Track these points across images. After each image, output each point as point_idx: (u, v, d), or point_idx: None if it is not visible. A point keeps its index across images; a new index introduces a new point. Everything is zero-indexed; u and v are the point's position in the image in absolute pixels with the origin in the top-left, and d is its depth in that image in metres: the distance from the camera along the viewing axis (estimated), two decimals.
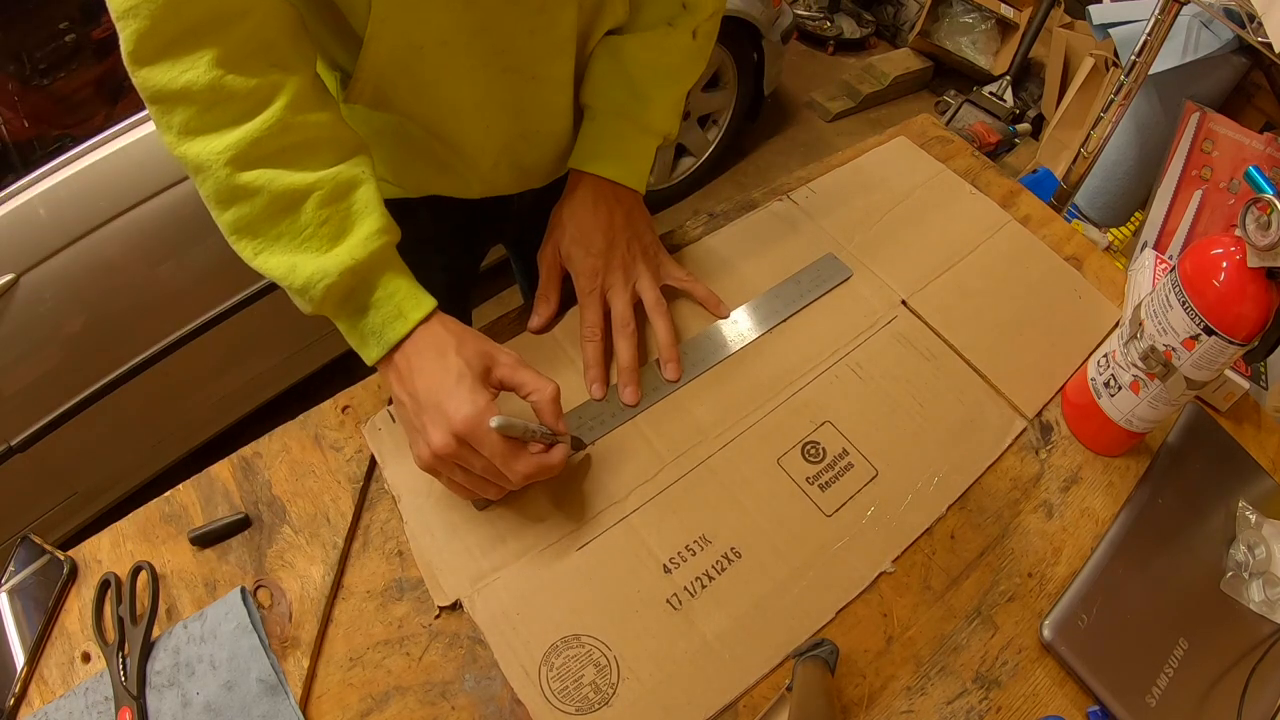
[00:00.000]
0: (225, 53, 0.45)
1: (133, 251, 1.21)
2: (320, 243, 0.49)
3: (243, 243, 0.50)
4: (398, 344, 0.52)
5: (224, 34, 0.45)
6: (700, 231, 0.78)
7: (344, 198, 0.50)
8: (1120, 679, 0.54)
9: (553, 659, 0.51)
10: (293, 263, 0.49)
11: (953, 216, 0.82)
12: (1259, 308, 0.53)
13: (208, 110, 0.46)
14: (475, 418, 0.49)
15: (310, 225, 0.49)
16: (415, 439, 0.52)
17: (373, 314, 0.52)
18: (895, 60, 2.81)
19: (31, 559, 0.55)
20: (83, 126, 1.16)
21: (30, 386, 1.20)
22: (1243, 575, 0.61)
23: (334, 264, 0.49)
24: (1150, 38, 0.97)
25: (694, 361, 0.67)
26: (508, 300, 1.94)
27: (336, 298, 0.50)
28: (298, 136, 0.49)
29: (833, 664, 0.49)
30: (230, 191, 0.47)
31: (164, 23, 0.44)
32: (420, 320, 0.52)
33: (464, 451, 0.50)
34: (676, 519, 0.58)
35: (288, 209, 0.48)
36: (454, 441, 0.50)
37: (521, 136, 0.66)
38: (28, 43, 1.11)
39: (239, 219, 0.49)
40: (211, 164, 0.46)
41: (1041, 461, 0.66)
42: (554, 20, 0.57)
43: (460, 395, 0.50)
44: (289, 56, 0.49)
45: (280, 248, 0.49)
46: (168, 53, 0.45)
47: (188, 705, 0.48)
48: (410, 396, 0.52)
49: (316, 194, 0.49)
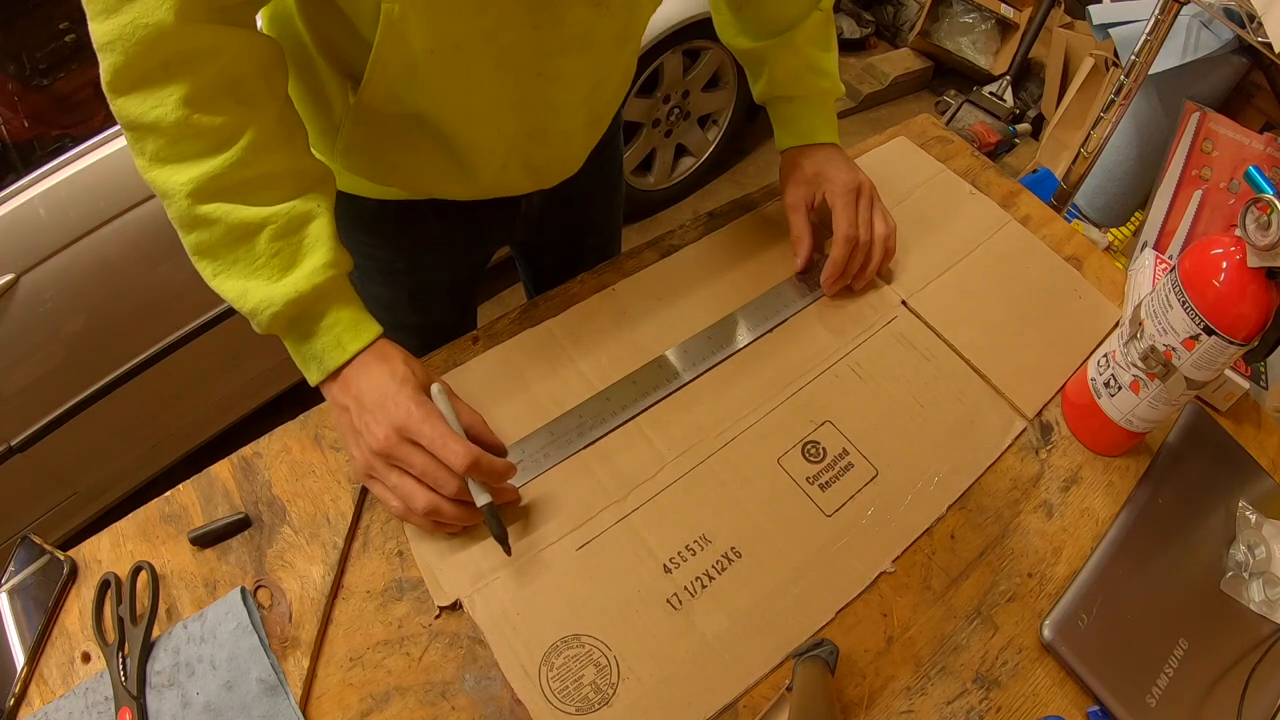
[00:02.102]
0: (194, 90, 0.47)
1: (133, 251, 1.21)
2: (271, 272, 0.52)
3: (203, 263, 0.53)
4: (335, 370, 0.55)
5: (195, 71, 0.47)
6: (700, 231, 0.79)
7: (296, 231, 0.52)
8: (1120, 679, 0.54)
9: (553, 659, 0.51)
10: (244, 288, 0.52)
11: (953, 217, 0.82)
12: (1259, 308, 0.53)
13: (175, 143, 0.48)
14: (416, 412, 0.52)
15: (263, 255, 0.51)
16: (355, 442, 0.54)
17: (314, 341, 0.54)
18: (895, 60, 2.81)
19: (31, 559, 0.55)
20: (83, 126, 1.16)
21: (30, 387, 1.20)
22: (1243, 575, 0.61)
23: (280, 294, 0.51)
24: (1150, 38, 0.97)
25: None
26: (508, 300, 1.94)
27: (282, 323, 0.53)
28: (257, 171, 0.51)
29: (833, 664, 0.49)
30: (191, 220, 0.50)
31: (138, 59, 0.46)
32: (358, 351, 0.55)
33: (404, 448, 0.52)
34: (676, 519, 0.58)
35: (243, 239, 0.51)
36: (394, 435, 0.51)
37: (529, 136, 0.66)
38: (28, 43, 1.11)
39: (199, 243, 0.52)
40: (175, 193, 0.49)
41: (1041, 461, 0.66)
42: (560, 17, 0.57)
43: (404, 395, 0.52)
44: (258, 93, 0.51)
45: (235, 273, 0.52)
46: (141, 85, 0.47)
47: (188, 705, 0.48)
48: (354, 400, 0.54)
49: (270, 227, 0.51)
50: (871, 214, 0.72)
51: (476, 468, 0.51)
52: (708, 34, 1.87)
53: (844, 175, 0.72)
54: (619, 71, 0.71)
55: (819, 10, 0.73)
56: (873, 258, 0.72)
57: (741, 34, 0.76)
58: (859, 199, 0.72)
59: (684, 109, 2.03)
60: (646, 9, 0.66)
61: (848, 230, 0.70)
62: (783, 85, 0.76)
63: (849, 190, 0.71)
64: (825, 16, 0.75)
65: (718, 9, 0.78)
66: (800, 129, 0.76)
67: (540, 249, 0.95)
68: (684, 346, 0.68)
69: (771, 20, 0.74)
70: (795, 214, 0.74)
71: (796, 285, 0.74)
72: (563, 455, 0.61)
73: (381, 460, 0.53)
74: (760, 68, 0.76)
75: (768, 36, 0.74)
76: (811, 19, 0.73)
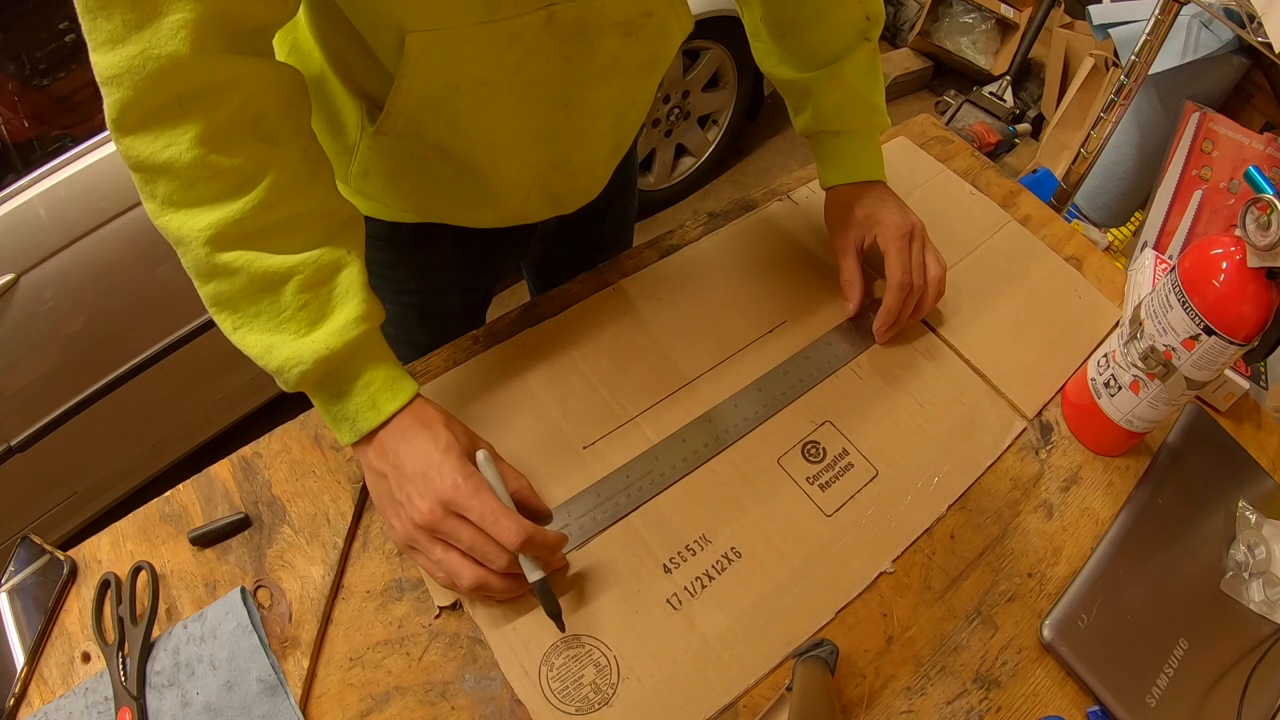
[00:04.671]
0: (210, 127, 0.43)
1: (133, 251, 1.21)
2: (298, 326, 0.48)
3: (222, 315, 0.48)
4: (369, 433, 0.51)
5: (211, 107, 0.43)
6: (700, 231, 0.79)
7: (326, 282, 0.49)
8: (1120, 679, 0.54)
9: (553, 659, 0.51)
10: (269, 343, 0.48)
11: (953, 216, 0.82)
12: (1259, 308, 0.53)
13: (190, 186, 0.44)
14: (464, 485, 0.48)
15: (290, 308, 0.47)
16: (395, 512, 0.51)
17: (346, 402, 0.51)
18: (895, 60, 2.81)
19: (31, 559, 0.55)
20: (83, 126, 1.16)
21: (30, 386, 1.20)
22: (1243, 575, 0.61)
23: (309, 351, 0.48)
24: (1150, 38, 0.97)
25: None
26: (508, 300, 1.95)
27: (311, 382, 0.50)
28: (282, 215, 0.47)
29: (833, 664, 0.49)
30: (209, 269, 0.46)
31: (149, 94, 0.41)
32: (394, 412, 0.51)
33: (450, 522, 0.48)
34: (677, 518, 0.58)
35: (267, 290, 0.47)
36: (440, 509, 0.48)
37: (553, 165, 0.65)
38: (28, 43, 1.11)
39: (218, 294, 0.47)
40: (191, 241, 0.45)
41: (1041, 461, 0.66)
42: (591, 47, 0.56)
43: (449, 464, 0.49)
44: (280, 129, 0.47)
45: (258, 326, 0.48)
46: (152, 123, 0.43)
47: (188, 705, 0.48)
48: (394, 468, 0.50)
49: (297, 278, 0.47)
50: (925, 256, 0.69)
51: (530, 544, 0.48)
52: (708, 34, 1.87)
53: (897, 217, 0.68)
54: (644, 97, 0.68)
55: (866, 40, 0.70)
56: (926, 302, 0.68)
57: (784, 63, 0.72)
58: (912, 242, 0.68)
59: (684, 109, 2.03)
60: (676, 36, 0.63)
61: (902, 277, 0.66)
62: (830, 120, 0.71)
63: (903, 234, 0.67)
64: (872, 48, 0.71)
65: (757, 35, 0.74)
66: (848, 166, 0.72)
67: (552, 266, 0.92)
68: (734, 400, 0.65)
69: (817, 51, 0.70)
70: (846, 258, 0.70)
71: (846, 334, 0.71)
72: (611, 520, 0.57)
73: (425, 534, 0.49)
74: (805, 100, 0.72)
75: (814, 68, 0.70)
76: (860, 50, 0.69)
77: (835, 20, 0.68)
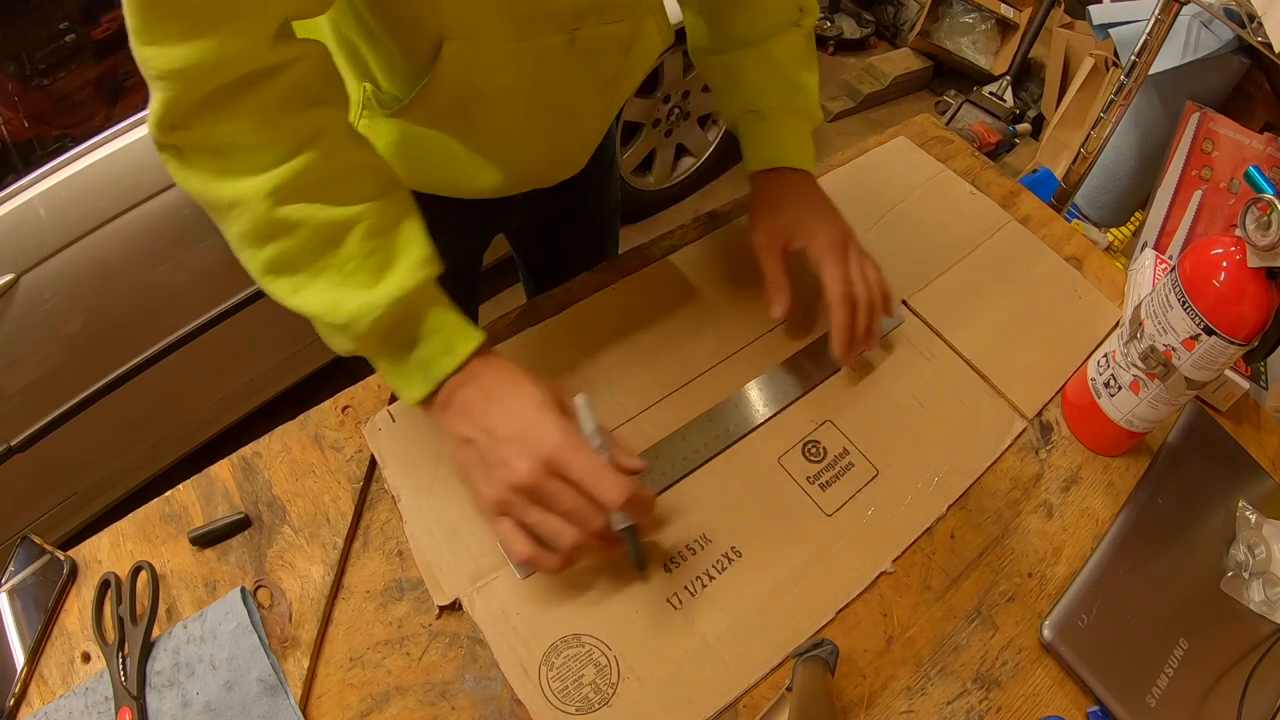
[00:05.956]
0: (267, 103, 0.44)
1: (133, 251, 1.21)
2: (366, 275, 0.47)
3: (280, 280, 0.47)
4: (444, 380, 0.50)
5: (266, 87, 0.44)
6: (700, 231, 0.78)
7: (391, 230, 0.48)
8: (1120, 679, 0.54)
9: (553, 659, 0.51)
10: (336, 298, 0.47)
11: (953, 216, 0.82)
12: (1259, 308, 0.53)
13: (250, 154, 0.45)
14: (565, 444, 0.47)
15: (355, 258, 0.47)
16: (486, 477, 0.48)
17: (420, 348, 0.49)
18: (895, 60, 2.81)
19: (31, 559, 0.55)
20: (83, 126, 1.16)
21: (30, 386, 1.20)
22: (1243, 575, 0.61)
23: (382, 296, 0.47)
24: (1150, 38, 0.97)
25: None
26: (508, 300, 1.94)
27: (382, 332, 0.48)
28: (342, 163, 0.48)
29: (833, 664, 0.49)
30: (270, 227, 0.45)
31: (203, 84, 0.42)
32: (469, 355, 0.50)
33: (553, 483, 0.47)
34: (676, 518, 0.58)
35: (330, 242, 0.46)
36: (541, 470, 0.46)
37: (550, 163, 0.72)
38: (28, 43, 1.11)
39: (278, 255, 0.46)
40: (251, 198, 0.44)
41: (1041, 461, 0.66)
42: (599, 65, 0.61)
43: (548, 420, 0.48)
44: (326, 93, 0.48)
45: (322, 283, 0.47)
46: (204, 112, 0.43)
47: (188, 705, 0.48)
48: (483, 430, 0.48)
49: (361, 224, 0.47)
50: (862, 265, 0.64)
51: (632, 503, 0.47)
52: None
53: (829, 227, 0.64)
54: (626, 97, 0.74)
55: (798, 28, 0.68)
56: (875, 312, 0.64)
57: (715, 52, 0.70)
58: (848, 253, 0.64)
59: (684, 109, 2.03)
60: (659, 48, 0.69)
61: (844, 289, 0.62)
62: (752, 97, 0.68)
63: (837, 246, 0.63)
64: (805, 36, 0.69)
65: (689, 20, 0.73)
66: (770, 149, 0.68)
67: (533, 232, 0.97)
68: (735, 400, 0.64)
69: (745, 34, 0.68)
70: (768, 257, 0.65)
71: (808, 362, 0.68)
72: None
73: (524, 496, 0.47)
74: (730, 84, 0.69)
75: (738, 48, 0.68)
76: (790, 35, 0.67)
77: (765, 6, 0.67)
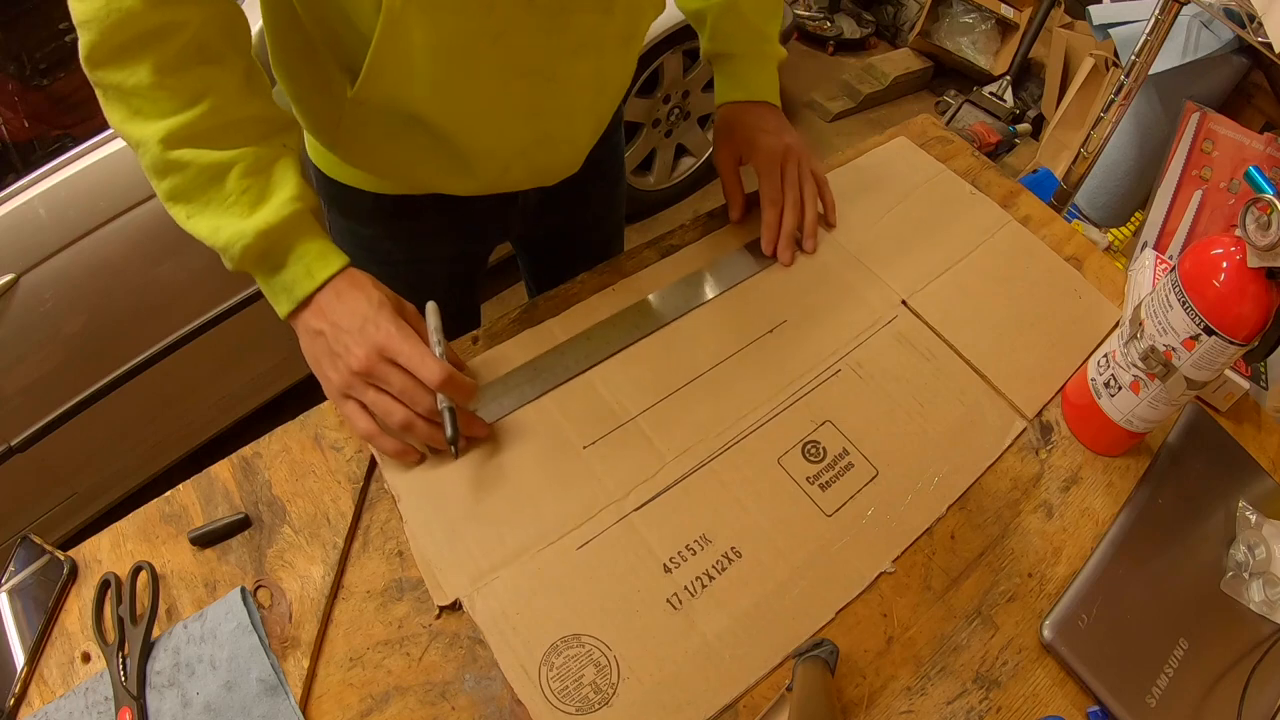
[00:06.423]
0: (164, 59, 0.51)
1: (133, 251, 1.21)
2: (241, 209, 0.55)
3: (176, 207, 0.56)
4: (305, 299, 0.57)
5: (164, 42, 0.51)
6: (700, 231, 0.79)
7: (264, 170, 0.56)
8: (1120, 679, 0.54)
9: (553, 659, 0.51)
10: (216, 225, 0.55)
11: (953, 216, 0.82)
12: (1259, 308, 0.53)
13: (150, 102, 0.52)
14: (397, 334, 0.55)
15: (234, 193, 0.55)
16: (332, 363, 0.57)
17: (284, 273, 0.57)
18: (895, 60, 2.81)
19: (31, 559, 0.55)
20: (83, 126, 1.16)
21: (30, 386, 1.20)
22: (1243, 575, 0.61)
23: (251, 226, 0.54)
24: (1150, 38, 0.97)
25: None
26: (508, 300, 1.94)
27: (253, 257, 0.56)
28: (225, 119, 0.54)
29: (833, 664, 0.49)
30: (164, 165, 0.53)
31: (111, 35, 0.50)
32: (327, 279, 0.57)
33: (383, 367, 0.55)
34: (677, 518, 0.58)
35: (214, 179, 0.54)
36: (375, 355, 0.55)
37: (537, 142, 0.69)
38: (28, 43, 1.11)
39: (173, 187, 0.54)
40: (147, 141, 0.52)
41: (1041, 461, 0.66)
42: (569, 22, 0.59)
43: (383, 317, 0.56)
44: (223, 53, 0.54)
45: (208, 212, 0.55)
46: (115, 58, 0.51)
47: (188, 705, 0.48)
48: (330, 324, 0.56)
49: (239, 165, 0.54)
50: (799, 174, 0.75)
51: (450, 383, 0.55)
52: None
53: (770, 142, 0.75)
54: (623, 72, 0.72)
55: None
56: (806, 214, 0.75)
57: None
58: (785, 165, 0.75)
59: (684, 109, 2.03)
60: (649, 13, 0.68)
61: (771, 194, 0.75)
62: (722, 42, 0.79)
63: (773, 159, 0.75)
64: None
65: None
66: (736, 84, 0.80)
67: (538, 243, 0.96)
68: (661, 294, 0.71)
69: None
70: (724, 170, 0.79)
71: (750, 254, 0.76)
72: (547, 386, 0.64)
73: (360, 379, 0.56)
74: (704, 27, 0.79)
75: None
76: None
77: None
